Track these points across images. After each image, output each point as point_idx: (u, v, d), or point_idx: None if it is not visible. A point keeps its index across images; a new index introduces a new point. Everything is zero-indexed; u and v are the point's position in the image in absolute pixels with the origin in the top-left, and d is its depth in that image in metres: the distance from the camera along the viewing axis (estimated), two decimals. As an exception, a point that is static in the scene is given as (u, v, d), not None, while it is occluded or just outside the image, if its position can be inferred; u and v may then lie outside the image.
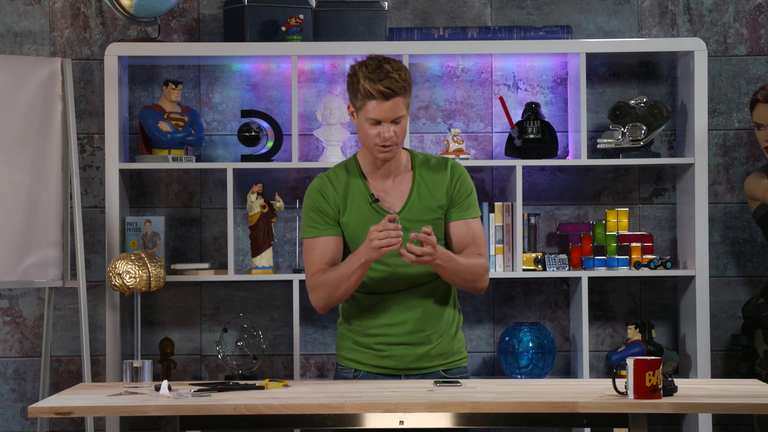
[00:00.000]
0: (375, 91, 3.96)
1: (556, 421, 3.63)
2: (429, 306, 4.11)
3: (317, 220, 4.10)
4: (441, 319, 4.13)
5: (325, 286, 4.04)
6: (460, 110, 5.60)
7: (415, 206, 4.09)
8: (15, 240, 5.07)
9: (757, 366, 5.18)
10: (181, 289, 5.58)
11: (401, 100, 3.99)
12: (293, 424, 3.66)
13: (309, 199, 4.12)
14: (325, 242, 4.09)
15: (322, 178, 4.14)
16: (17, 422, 5.56)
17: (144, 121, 5.34)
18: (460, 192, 4.12)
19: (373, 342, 4.11)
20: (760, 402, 3.52)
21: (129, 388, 3.90)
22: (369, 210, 4.08)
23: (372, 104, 3.98)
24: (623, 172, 5.62)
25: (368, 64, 4.00)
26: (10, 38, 5.55)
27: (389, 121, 3.99)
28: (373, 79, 3.96)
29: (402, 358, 4.10)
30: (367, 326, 4.13)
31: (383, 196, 4.10)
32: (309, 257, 4.10)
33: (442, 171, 4.13)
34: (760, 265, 5.61)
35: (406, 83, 4.00)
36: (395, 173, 4.12)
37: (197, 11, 5.60)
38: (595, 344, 5.61)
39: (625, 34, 5.61)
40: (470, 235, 4.13)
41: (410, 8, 5.61)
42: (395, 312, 4.10)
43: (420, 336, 4.11)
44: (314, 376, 5.60)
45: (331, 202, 4.10)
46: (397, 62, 4.03)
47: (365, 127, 4.02)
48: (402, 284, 4.09)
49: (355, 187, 4.10)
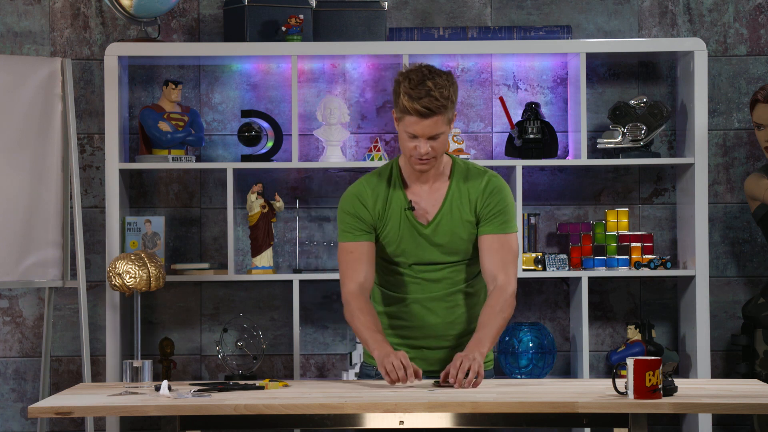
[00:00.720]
0: (413, 109, 3.87)
1: (556, 421, 3.62)
2: (454, 310, 4.09)
3: (353, 225, 4.05)
4: (465, 325, 4.11)
5: (350, 321, 4.01)
6: (460, 110, 5.60)
7: (446, 217, 4.05)
8: (15, 240, 5.07)
9: (757, 366, 5.18)
10: (181, 289, 5.58)
11: (440, 118, 3.90)
12: (293, 424, 3.66)
13: (346, 204, 4.08)
14: (362, 248, 4.05)
15: (361, 184, 4.09)
16: (17, 422, 5.56)
17: (144, 121, 5.34)
18: (491, 207, 4.03)
19: (393, 342, 4.08)
20: (760, 402, 3.52)
21: (129, 388, 3.90)
22: (403, 217, 4.06)
23: (410, 120, 3.90)
24: (623, 172, 5.62)
25: (411, 78, 3.90)
26: (10, 38, 5.55)
27: (426, 138, 3.93)
28: (412, 97, 3.87)
29: (421, 361, 4.08)
30: (388, 325, 4.12)
31: (418, 202, 4.06)
32: (345, 262, 4.06)
33: (477, 183, 4.06)
34: (760, 265, 5.61)
35: (447, 101, 3.89)
36: (433, 179, 4.07)
37: (197, 11, 5.60)
38: (595, 344, 5.61)
39: (625, 34, 5.61)
40: (500, 258, 4.02)
41: (410, 8, 5.61)
42: (417, 316, 4.08)
43: (440, 339, 4.10)
44: (314, 376, 5.60)
45: (370, 208, 4.05)
46: (444, 77, 3.92)
47: (404, 138, 3.95)
48: (427, 290, 4.08)
49: (394, 191, 4.07)
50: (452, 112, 3.96)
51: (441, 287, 4.07)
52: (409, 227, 4.04)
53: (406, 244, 4.04)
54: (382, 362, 3.85)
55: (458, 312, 4.10)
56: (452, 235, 4.04)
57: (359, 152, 5.57)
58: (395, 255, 4.06)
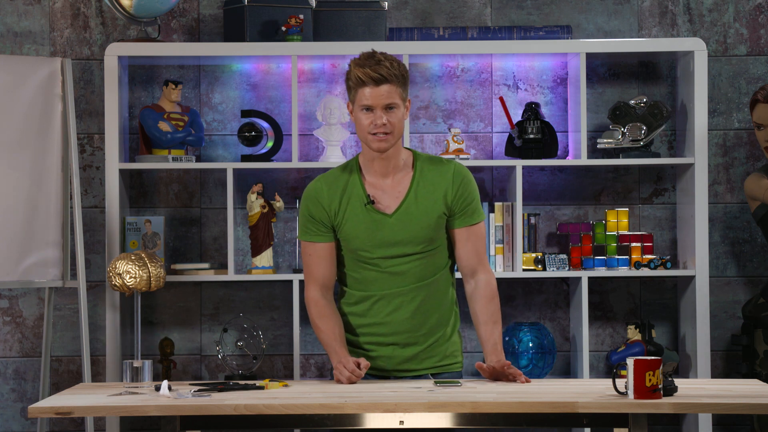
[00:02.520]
0: (365, 75, 3.96)
1: (556, 421, 3.62)
2: (421, 307, 4.09)
3: (309, 227, 4.11)
4: (433, 321, 4.11)
5: (313, 326, 4.14)
6: (460, 110, 5.60)
7: (412, 207, 4.06)
8: (15, 240, 5.07)
9: (757, 366, 5.18)
10: (181, 289, 5.58)
11: (394, 89, 3.98)
12: (293, 424, 3.66)
13: (303, 205, 4.13)
14: (319, 249, 4.12)
15: (319, 182, 4.13)
16: (17, 422, 5.56)
17: (144, 121, 5.34)
18: (463, 198, 4.08)
19: (363, 341, 4.11)
20: (760, 402, 3.52)
21: (129, 388, 3.90)
22: (363, 211, 4.06)
23: (364, 91, 3.98)
24: (623, 172, 5.62)
25: (361, 55, 4.03)
26: (10, 38, 5.55)
27: (381, 107, 3.98)
28: (363, 65, 3.98)
29: (390, 359, 4.09)
30: (357, 325, 4.12)
31: (380, 195, 4.07)
32: (305, 262, 4.16)
33: (444, 172, 4.09)
34: (760, 265, 5.61)
35: (398, 72, 3.99)
36: (394, 171, 4.09)
37: (197, 11, 5.60)
38: (595, 344, 5.61)
39: (625, 34, 5.61)
40: (475, 250, 4.13)
41: (410, 8, 5.61)
42: (384, 312, 4.09)
43: (409, 337, 4.09)
44: (314, 376, 5.60)
45: (326, 207, 4.08)
46: (393, 56, 4.03)
47: (360, 118, 4.01)
48: (393, 285, 4.08)
49: (353, 186, 4.09)
50: (405, 92, 4.04)
51: (407, 281, 4.07)
52: (370, 221, 4.04)
53: (368, 237, 4.05)
54: (335, 369, 4.02)
55: (425, 307, 4.09)
56: (418, 222, 4.05)
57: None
58: (359, 249, 4.07)
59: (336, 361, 4.03)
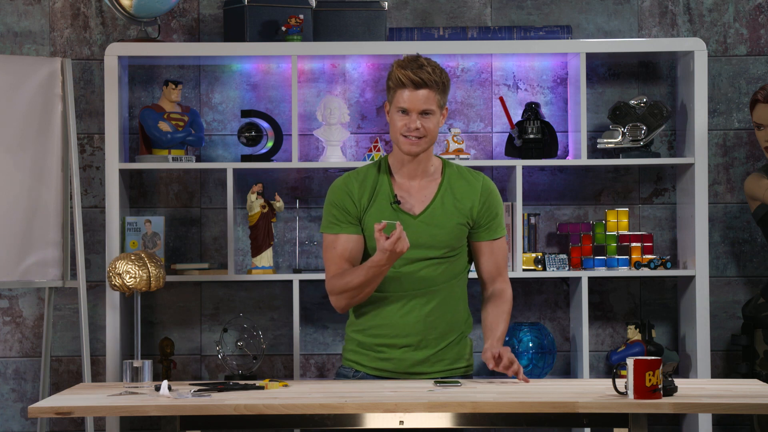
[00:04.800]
0: (405, 78, 3.98)
1: (556, 421, 3.63)
2: (433, 310, 4.10)
3: (339, 218, 4.09)
4: (445, 325, 4.11)
5: (346, 290, 4.03)
6: (460, 110, 5.60)
7: (438, 211, 4.07)
8: (15, 240, 5.07)
9: (757, 366, 5.18)
10: (181, 289, 5.58)
11: (432, 95, 4.00)
12: (293, 424, 3.66)
13: (333, 195, 4.11)
14: (345, 240, 4.09)
15: (350, 175, 4.14)
16: (17, 422, 5.56)
17: (144, 121, 5.34)
18: (489, 212, 4.13)
19: (374, 343, 4.10)
20: (760, 402, 3.52)
21: (129, 388, 3.90)
22: (389, 210, 4.08)
23: (403, 93, 4.00)
24: (623, 172, 5.62)
25: (405, 57, 4.05)
26: (10, 38, 5.55)
27: (417, 112, 3.99)
28: (405, 67, 4.00)
29: (400, 362, 4.09)
30: (369, 326, 4.12)
31: (406, 197, 4.09)
32: (329, 255, 4.10)
33: (473, 185, 4.13)
34: (760, 265, 5.61)
35: (439, 79, 4.01)
36: (422, 176, 4.11)
37: (197, 11, 5.60)
38: (595, 344, 5.61)
39: (625, 34, 5.61)
40: (496, 263, 4.16)
41: (410, 8, 5.61)
42: (397, 314, 4.09)
43: (420, 340, 4.10)
44: (314, 376, 5.60)
45: (356, 199, 4.08)
46: (436, 63, 4.05)
47: (394, 119, 4.02)
48: (406, 287, 4.08)
49: (382, 184, 4.10)
50: (444, 99, 4.05)
51: (423, 284, 4.08)
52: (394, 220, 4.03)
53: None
54: (381, 251, 3.88)
55: (439, 311, 4.09)
56: (442, 227, 4.05)
57: (359, 152, 5.57)
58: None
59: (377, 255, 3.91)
